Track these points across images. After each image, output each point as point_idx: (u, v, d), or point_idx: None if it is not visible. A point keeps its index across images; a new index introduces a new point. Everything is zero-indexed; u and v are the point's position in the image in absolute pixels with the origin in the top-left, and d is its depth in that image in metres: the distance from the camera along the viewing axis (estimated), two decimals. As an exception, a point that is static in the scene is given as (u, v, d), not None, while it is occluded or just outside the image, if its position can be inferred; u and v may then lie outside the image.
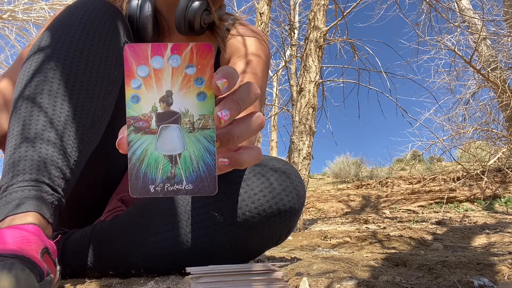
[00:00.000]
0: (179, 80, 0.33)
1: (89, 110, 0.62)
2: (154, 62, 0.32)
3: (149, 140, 0.33)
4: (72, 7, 0.67)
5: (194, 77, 0.33)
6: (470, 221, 2.97)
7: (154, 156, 0.33)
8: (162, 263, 0.67)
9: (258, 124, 0.35)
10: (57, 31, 0.64)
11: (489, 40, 5.06)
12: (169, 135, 0.33)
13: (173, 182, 0.33)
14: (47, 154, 0.56)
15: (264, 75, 0.82)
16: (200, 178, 0.33)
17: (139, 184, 0.33)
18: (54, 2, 3.66)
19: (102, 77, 0.64)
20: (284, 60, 4.73)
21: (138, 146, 0.33)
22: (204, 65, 0.33)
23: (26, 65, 0.62)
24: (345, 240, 1.69)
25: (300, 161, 2.57)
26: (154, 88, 0.33)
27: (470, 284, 0.60)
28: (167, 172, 0.33)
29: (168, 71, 0.33)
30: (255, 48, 0.83)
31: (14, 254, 0.43)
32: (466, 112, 4.85)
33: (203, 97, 0.33)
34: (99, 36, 0.65)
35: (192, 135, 0.33)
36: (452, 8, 4.71)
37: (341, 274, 0.66)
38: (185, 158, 0.33)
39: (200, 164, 0.33)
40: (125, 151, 0.33)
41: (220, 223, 0.64)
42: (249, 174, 0.64)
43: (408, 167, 5.97)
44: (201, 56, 0.32)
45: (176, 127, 0.33)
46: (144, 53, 0.32)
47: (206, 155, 0.33)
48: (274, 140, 7.06)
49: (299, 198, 0.65)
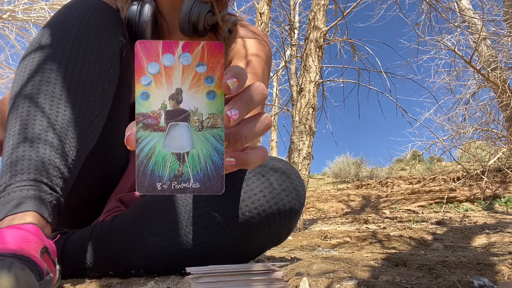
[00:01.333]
0: (189, 78, 0.33)
1: (86, 109, 0.62)
2: (165, 59, 0.32)
3: (157, 137, 0.33)
4: (67, 6, 0.68)
5: (204, 75, 0.33)
6: (470, 221, 2.97)
7: (162, 153, 0.33)
8: (162, 263, 0.67)
9: (265, 125, 0.36)
10: (53, 31, 0.64)
11: (489, 40, 5.06)
12: (178, 133, 0.33)
13: (180, 180, 0.33)
14: (44, 154, 0.56)
15: (264, 75, 0.83)
16: (208, 177, 0.33)
17: (146, 181, 0.33)
18: (54, 2, 3.66)
19: (98, 76, 0.65)
20: (284, 60, 4.73)
21: (146, 143, 0.33)
22: (215, 64, 0.33)
23: (24, 64, 0.62)
24: (345, 240, 1.69)
25: (300, 161, 2.57)
26: (164, 86, 0.33)
27: (470, 284, 0.60)
28: (174, 170, 0.33)
29: (178, 69, 0.33)
30: (256, 49, 0.84)
31: (13, 254, 0.43)
32: (466, 112, 4.85)
33: (213, 96, 0.33)
34: (95, 35, 0.65)
35: (201, 133, 0.33)
36: (452, 8, 4.71)
37: (341, 274, 0.66)
38: (193, 157, 0.33)
39: (208, 163, 0.33)
40: (133, 147, 0.33)
41: (220, 223, 0.64)
42: (249, 174, 0.64)
43: (408, 167, 5.97)
44: (212, 55, 0.32)
45: (185, 125, 0.33)
46: (155, 50, 0.32)
47: (214, 154, 0.33)
48: (274, 140, 7.06)
49: (299, 198, 0.65)
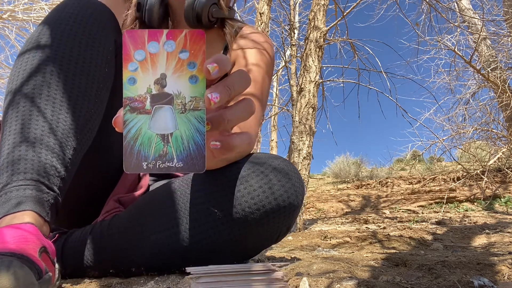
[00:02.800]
0: (173, 64, 0.35)
1: (81, 108, 0.63)
2: (150, 47, 0.35)
3: (143, 119, 0.35)
4: (61, 6, 0.68)
5: (187, 61, 0.35)
6: (470, 221, 2.97)
7: (147, 134, 0.35)
8: (163, 260, 0.67)
9: (248, 110, 0.37)
10: (49, 29, 0.65)
11: (489, 40, 5.06)
12: (162, 115, 0.35)
13: (164, 159, 0.35)
14: (41, 154, 0.57)
15: (265, 81, 0.84)
16: (190, 156, 0.35)
17: (133, 161, 0.35)
18: (54, 2, 3.66)
19: (93, 75, 0.66)
20: (284, 60, 4.73)
21: (133, 125, 0.35)
22: (197, 51, 0.35)
23: (21, 61, 0.63)
24: (345, 240, 1.69)
25: (300, 161, 2.57)
26: (149, 71, 0.35)
27: (470, 284, 0.60)
28: (159, 150, 0.35)
29: (163, 56, 0.35)
30: (255, 59, 0.86)
31: (12, 253, 0.43)
32: (466, 112, 4.85)
33: (195, 80, 0.35)
34: (88, 34, 0.66)
35: (184, 115, 0.35)
36: (452, 8, 4.71)
37: (341, 274, 0.66)
38: (176, 138, 0.35)
39: (191, 143, 0.35)
40: (121, 129, 0.35)
41: (219, 219, 0.64)
42: (248, 170, 0.64)
43: (408, 167, 5.97)
44: (194, 42, 0.35)
45: (169, 108, 0.35)
46: (141, 38, 0.34)
47: (196, 135, 0.35)
48: (274, 140, 7.06)
49: (298, 195, 0.66)
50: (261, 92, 0.81)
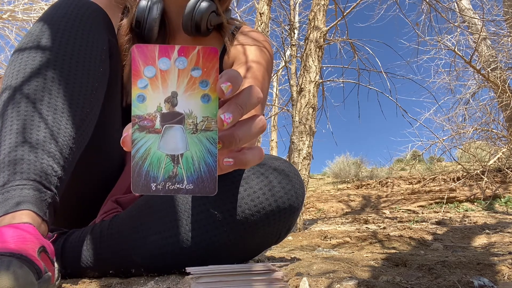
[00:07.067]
0: (184, 82, 0.33)
1: (76, 107, 0.63)
2: (161, 63, 0.33)
3: (152, 139, 0.34)
4: (54, 6, 0.69)
5: (199, 79, 0.33)
6: (470, 221, 2.97)
7: (157, 155, 0.34)
8: (163, 261, 0.67)
9: (259, 127, 0.36)
10: (45, 28, 0.65)
11: (489, 40, 5.06)
12: (173, 135, 0.34)
13: (174, 181, 0.34)
14: (37, 153, 0.57)
15: (265, 80, 0.84)
16: (201, 178, 0.34)
17: (141, 182, 0.33)
18: (54, 2, 3.66)
19: (88, 75, 0.66)
20: (284, 60, 4.73)
21: (142, 144, 0.33)
22: (210, 68, 0.33)
23: (20, 59, 0.63)
24: (345, 240, 1.69)
25: (300, 161, 2.57)
26: (160, 89, 0.33)
27: (470, 284, 0.59)
28: (169, 171, 0.34)
29: (174, 73, 0.33)
30: (255, 56, 0.85)
31: (11, 253, 0.43)
32: (466, 112, 4.85)
33: (207, 100, 0.34)
34: (82, 34, 0.66)
35: (195, 136, 0.34)
36: (452, 8, 4.71)
37: (341, 274, 0.66)
38: (187, 159, 0.34)
39: (202, 165, 0.34)
40: (129, 148, 0.33)
41: (220, 221, 0.64)
42: (248, 172, 0.64)
43: (408, 167, 5.96)
44: (207, 59, 0.33)
45: (179, 127, 0.34)
46: (151, 54, 0.33)
47: (207, 156, 0.34)
48: (274, 140, 7.06)
49: (299, 196, 0.66)
50: (261, 90, 0.81)
